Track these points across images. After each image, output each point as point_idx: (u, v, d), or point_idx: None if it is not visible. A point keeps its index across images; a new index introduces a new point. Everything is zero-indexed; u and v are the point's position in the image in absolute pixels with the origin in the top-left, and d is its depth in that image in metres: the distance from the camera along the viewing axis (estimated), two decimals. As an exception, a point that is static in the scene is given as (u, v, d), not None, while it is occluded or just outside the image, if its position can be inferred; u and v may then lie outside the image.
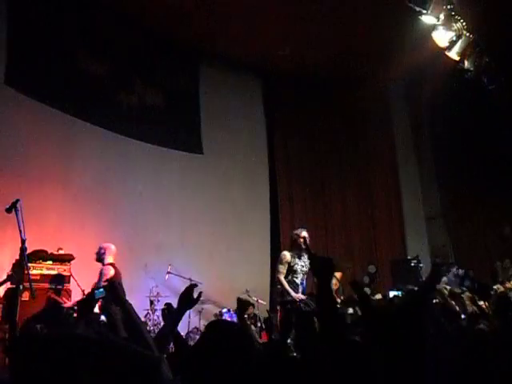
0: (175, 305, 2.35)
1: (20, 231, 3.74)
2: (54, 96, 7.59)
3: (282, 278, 5.56)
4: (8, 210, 3.76)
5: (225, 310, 7.82)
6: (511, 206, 9.02)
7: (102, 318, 5.15)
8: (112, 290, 2.23)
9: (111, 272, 5.26)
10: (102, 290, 2.27)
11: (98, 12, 8.52)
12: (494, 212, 9.52)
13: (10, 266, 5.60)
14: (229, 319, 7.75)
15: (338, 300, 7.06)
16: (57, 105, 7.61)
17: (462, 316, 3.91)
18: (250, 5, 8.36)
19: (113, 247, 5.53)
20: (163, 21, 8.81)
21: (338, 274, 7.32)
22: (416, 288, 5.72)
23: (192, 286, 2.38)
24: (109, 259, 5.39)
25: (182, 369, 1.74)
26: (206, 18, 8.67)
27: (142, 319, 6.52)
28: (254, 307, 8.09)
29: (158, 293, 7.28)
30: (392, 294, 7.31)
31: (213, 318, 8.04)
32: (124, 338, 2.13)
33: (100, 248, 5.46)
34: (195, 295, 2.34)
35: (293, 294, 5.46)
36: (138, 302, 5.83)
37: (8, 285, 5.70)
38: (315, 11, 8.40)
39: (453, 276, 8.46)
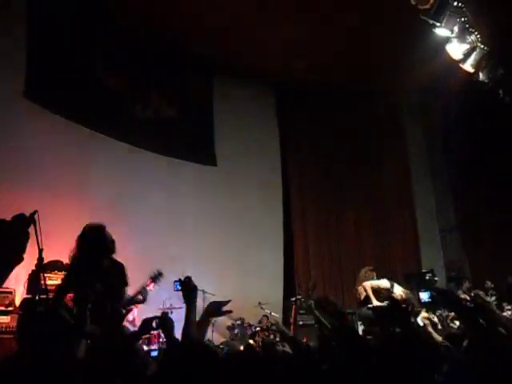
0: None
1: (37, 241, 3.77)
2: (71, 109, 7.70)
3: None
4: (26, 221, 3.79)
5: (238, 323, 7.80)
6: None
7: None
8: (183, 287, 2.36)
9: None
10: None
11: (114, 26, 8.67)
12: (510, 225, 9.37)
13: (27, 277, 5.67)
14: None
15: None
16: (73, 117, 7.72)
17: None
18: (264, 17, 8.45)
19: None
20: (178, 34, 8.94)
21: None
22: None
23: (224, 303, 2.40)
24: None
25: None
26: (219, 30, 8.77)
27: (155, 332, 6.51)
28: (267, 318, 8.07)
29: (171, 304, 7.27)
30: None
31: (225, 331, 8.03)
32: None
33: None
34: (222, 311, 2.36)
35: None
36: (150, 313, 5.82)
37: (24, 295, 5.76)
38: (329, 24, 8.45)
39: (466, 290, 8.35)
